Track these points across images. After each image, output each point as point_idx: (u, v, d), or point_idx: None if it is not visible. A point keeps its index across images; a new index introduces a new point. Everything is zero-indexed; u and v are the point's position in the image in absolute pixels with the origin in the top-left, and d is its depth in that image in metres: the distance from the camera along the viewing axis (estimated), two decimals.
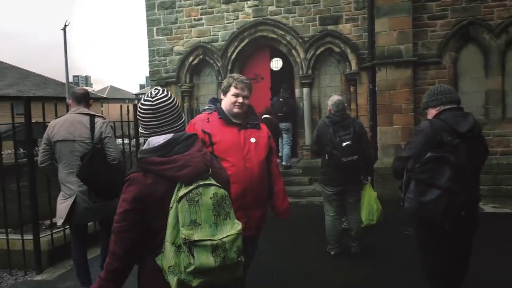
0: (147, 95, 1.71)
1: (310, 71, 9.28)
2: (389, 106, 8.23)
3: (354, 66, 8.96)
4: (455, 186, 2.40)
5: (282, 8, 9.25)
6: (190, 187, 1.48)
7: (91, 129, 3.55)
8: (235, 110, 2.79)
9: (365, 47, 8.84)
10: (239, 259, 1.50)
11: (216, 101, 8.15)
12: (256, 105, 4.75)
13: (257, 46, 9.79)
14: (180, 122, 1.73)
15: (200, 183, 1.50)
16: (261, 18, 9.39)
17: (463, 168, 2.46)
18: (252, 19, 9.44)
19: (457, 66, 8.41)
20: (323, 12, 9.03)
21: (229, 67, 9.75)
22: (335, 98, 4.94)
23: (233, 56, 9.70)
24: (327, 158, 4.70)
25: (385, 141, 8.25)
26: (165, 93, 1.72)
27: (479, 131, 2.73)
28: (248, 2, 9.44)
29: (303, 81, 9.34)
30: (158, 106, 1.67)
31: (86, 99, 3.78)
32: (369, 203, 5.55)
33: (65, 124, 3.57)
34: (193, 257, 1.39)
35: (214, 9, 9.67)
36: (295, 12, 9.19)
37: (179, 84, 10.01)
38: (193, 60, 9.92)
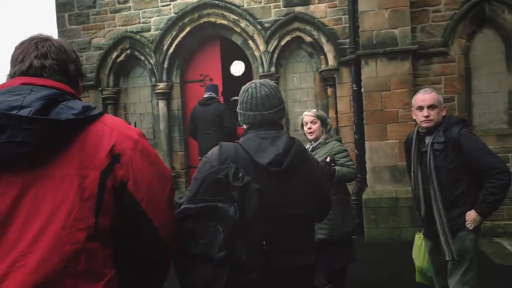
0: None
1: (273, 69, 6.92)
2: (381, 113, 5.95)
3: (331, 61, 6.66)
4: (241, 256, 1.54)
5: None
6: None
7: None
8: None
9: (346, 34, 6.57)
10: None
11: (217, 89, 6.43)
12: None
13: (203, 36, 7.38)
14: None
15: None
16: None
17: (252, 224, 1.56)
18: (194, 0, 7.05)
19: (470, 58, 6.23)
20: None
21: (165, 65, 7.28)
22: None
23: (170, 50, 7.25)
24: None
25: (376, 161, 5.94)
26: None
27: (299, 162, 1.80)
28: None
29: None
30: None
31: None
32: None
33: None
34: None
35: None
36: None
37: (100, 89, 7.46)
38: (118, 56, 7.41)
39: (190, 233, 1.50)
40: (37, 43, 1.24)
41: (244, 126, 1.94)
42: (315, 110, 3.82)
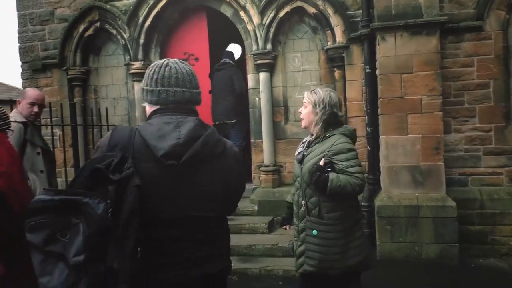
0: None
1: (269, 46, 5.78)
2: (400, 100, 4.83)
3: (339, 37, 5.52)
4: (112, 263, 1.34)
5: None
6: None
7: None
8: None
9: (358, 3, 5.42)
10: None
11: (233, 55, 6.44)
12: None
13: (186, 7, 6.21)
14: None
15: None
16: None
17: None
18: None
19: (509, 34, 5.09)
20: None
21: (141, 40, 6.13)
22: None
23: (147, 23, 6.08)
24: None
25: (393, 160, 4.85)
26: None
27: (207, 155, 1.53)
28: None
29: (259, 62, 5.82)
30: None
31: None
32: None
33: None
34: None
35: None
36: None
37: (64, 68, 6.31)
38: (85, 29, 6.25)
39: (43, 228, 1.34)
40: None
41: (148, 108, 1.63)
42: (314, 89, 2.72)
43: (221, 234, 1.66)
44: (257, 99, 5.98)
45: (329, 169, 2.48)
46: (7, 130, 2.64)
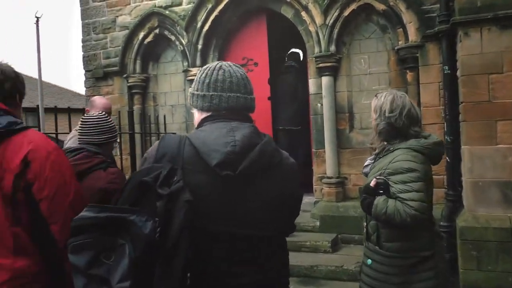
0: None
1: (332, 48, 5.34)
2: (488, 105, 4.16)
3: (412, 35, 4.95)
4: None
5: None
6: None
7: None
8: None
9: None
10: None
11: (298, 56, 6.51)
12: None
13: (246, 10, 5.96)
14: None
15: None
16: None
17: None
18: None
19: None
20: None
21: (199, 46, 5.96)
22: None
23: (205, 28, 5.91)
24: None
25: (480, 173, 4.17)
26: None
27: (263, 166, 1.34)
28: None
29: (322, 65, 5.40)
30: None
31: None
32: None
33: None
34: None
35: None
36: None
37: (125, 76, 6.32)
38: (145, 36, 6.22)
39: (86, 249, 1.23)
40: None
41: (198, 115, 1.45)
42: (378, 93, 2.28)
43: (275, 254, 1.45)
44: (319, 105, 5.56)
45: (382, 192, 2.01)
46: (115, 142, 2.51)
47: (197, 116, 1.46)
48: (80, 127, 2.32)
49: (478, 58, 4.19)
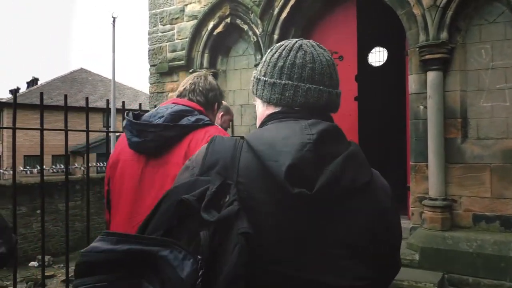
0: None
1: (444, 35, 4.23)
2: None
3: None
4: None
5: None
6: None
7: None
8: None
9: None
10: None
11: None
12: None
13: None
14: None
15: None
16: None
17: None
18: None
19: None
20: None
21: (275, 36, 5.13)
22: None
23: (283, 15, 5.07)
24: None
25: None
26: None
27: (345, 186, 0.90)
28: None
29: (428, 57, 4.30)
30: None
31: None
32: None
33: None
34: None
35: None
36: None
37: (191, 71, 5.67)
38: (215, 26, 5.53)
39: None
40: (195, 77, 1.82)
41: (262, 108, 1.05)
42: None
43: None
44: (421, 107, 4.45)
45: None
46: None
47: (261, 109, 1.08)
48: None
49: None
